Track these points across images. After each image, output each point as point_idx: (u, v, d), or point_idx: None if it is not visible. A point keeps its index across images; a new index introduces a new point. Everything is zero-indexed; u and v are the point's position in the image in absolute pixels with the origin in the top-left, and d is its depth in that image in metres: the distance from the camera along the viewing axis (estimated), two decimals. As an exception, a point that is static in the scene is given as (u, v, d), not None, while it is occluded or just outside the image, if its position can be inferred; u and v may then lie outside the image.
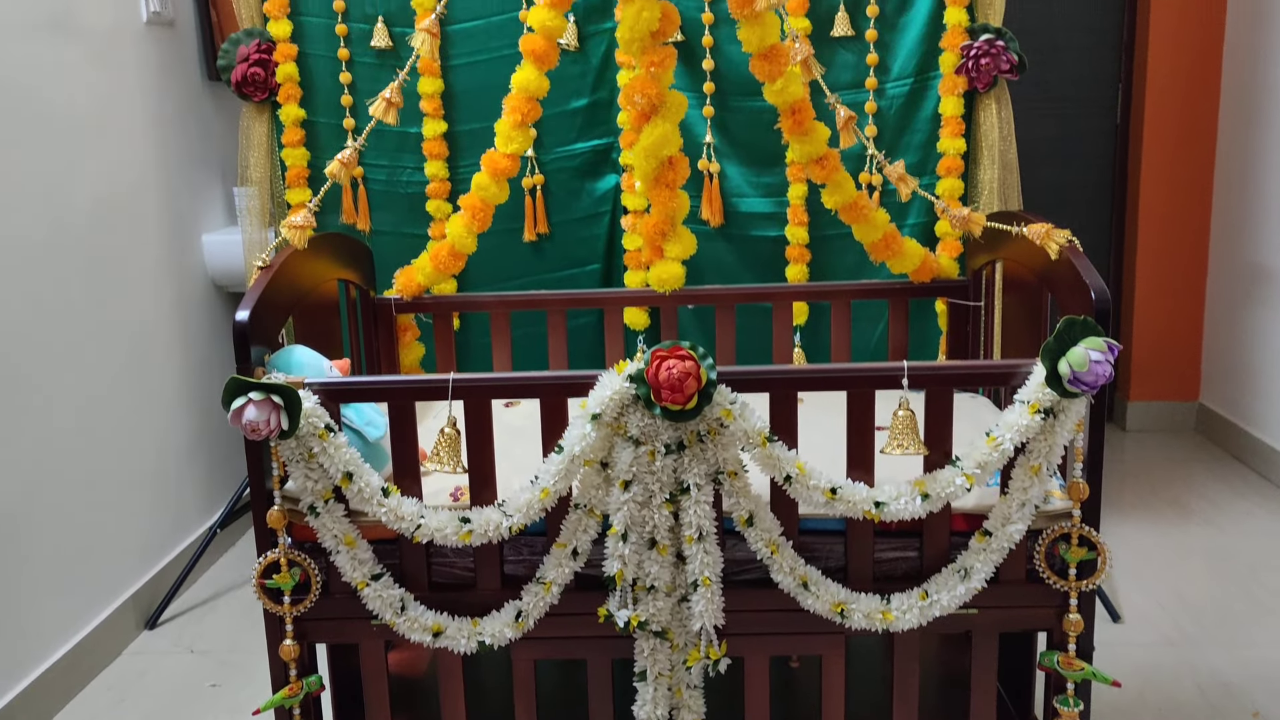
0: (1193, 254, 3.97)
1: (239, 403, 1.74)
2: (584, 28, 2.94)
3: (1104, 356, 1.73)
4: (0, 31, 2.33)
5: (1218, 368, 3.93)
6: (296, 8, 2.95)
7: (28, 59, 2.42)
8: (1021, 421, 1.79)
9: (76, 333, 2.56)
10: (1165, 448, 3.99)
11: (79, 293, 2.57)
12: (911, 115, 2.97)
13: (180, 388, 3.00)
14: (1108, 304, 1.81)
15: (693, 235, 2.61)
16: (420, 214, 3.02)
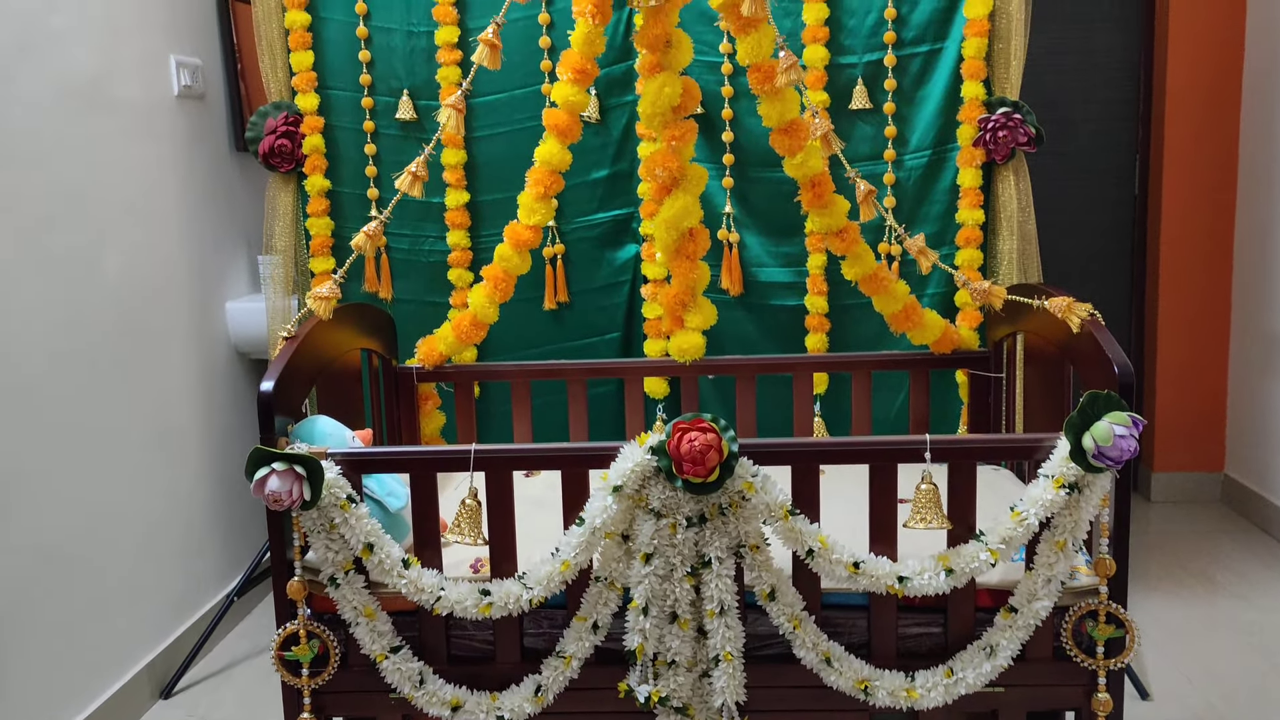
0: (1214, 323, 3.96)
1: (262, 473, 1.75)
2: (605, 100, 2.99)
3: (1128, 431, 1.73)
4: (36, 106, 2.38)
5: (1242, 438, 3.89)
6: (324, 81, 3.01)
7: (62, 133, 2.47)
8: (1046, 496, 1.78)
9: (100, 399, 2.58)
10: (1191, 519, 3.94)
11: (104, 360, 2.60)
12: (930, 186, 2.99)
13: (201, 453, 3.01)
14: (1131, 378, 1.81)
15: (713, 306, 2.62)
16: (442, 283, 3.05)
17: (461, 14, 2.97)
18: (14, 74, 2.32)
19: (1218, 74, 3.83)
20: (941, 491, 1.88)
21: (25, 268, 2.34)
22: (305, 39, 2.97)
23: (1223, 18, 3.80)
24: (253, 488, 1.75)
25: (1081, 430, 1.74)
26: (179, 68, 2.95)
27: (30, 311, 2.34)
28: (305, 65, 2.98)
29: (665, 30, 2.28)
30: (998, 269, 2.93)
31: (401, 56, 3.01)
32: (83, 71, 2.55)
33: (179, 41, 2.97)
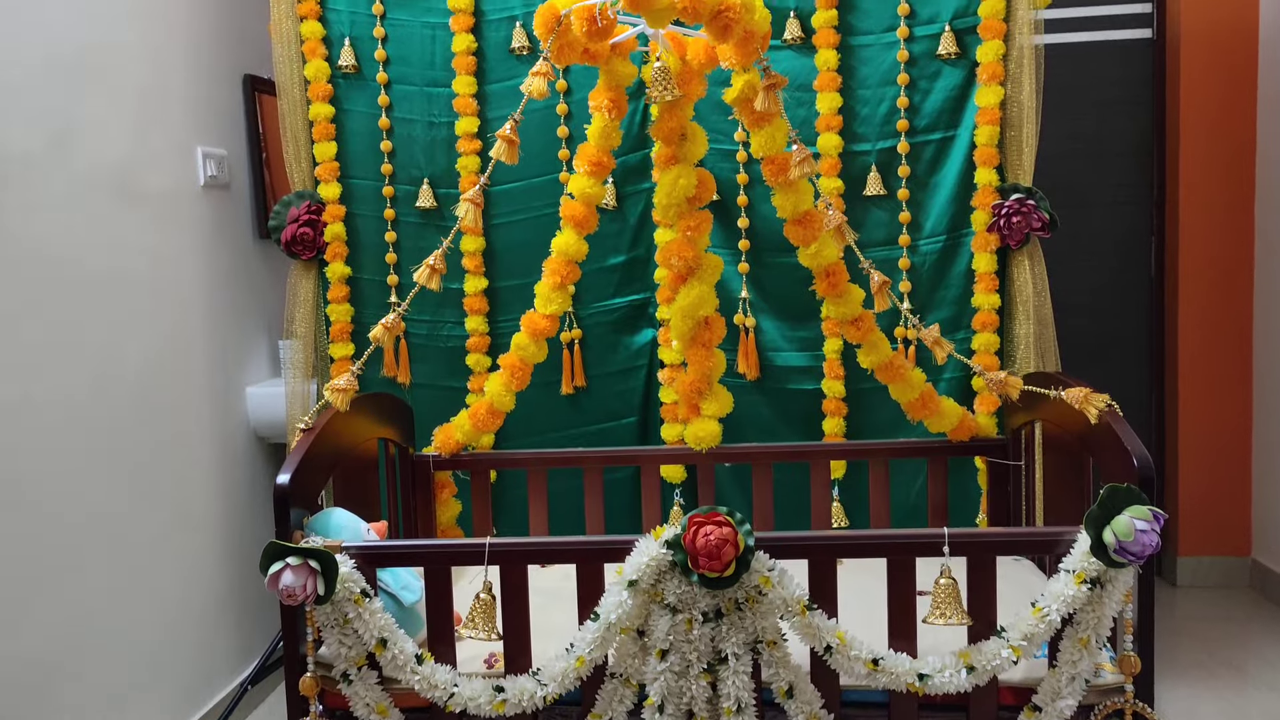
0: (1236, 405, 3.93)
1: (276, 568, 1.74)
2: (622, 187, 3.03)
3: (1150, 526, 1.71)
4: (67, 199, 2.43)
5: (1269, 522, 3.83)
6: (346, 170, 3.07)
7: (91, 225, 2.51)
8: (1068, 592, 1.76)
9: (120, 487, 2.59)
10: (1219, 605, 3.86)
11: (125, 448, 2.61)
12: (946, 271, 3.00)
13: (217, 539, 3.01)
14: (1151, 471, 1.79)
15: (729, 393, 2.62)
16: (460, 367, 3.07)
17: (481, 105, 3.04)
18: (47, 169, 2.37)
19: (1231, 157, 3.85)
20: (961, 585, 1.86)
21: (52, 358, 2.37)
22: (329, 130, 3.04)
23: (1235, 102, 3.82)
24: (267, 582, 1.75)
25: (1102, 524, 1.73)
26: (205, 158, 3.00)
27: (55, 401, 2.37)
28: (328, 155, 3.04)
29: (680, 124, 2.32)
30: (1014, 353, 2.93)
31: (422, 146, 3.07)
32: (112, 164, 2.61)
33: (205, 132, 3.03)
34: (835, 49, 2.94)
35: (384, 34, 3.04)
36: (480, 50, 3.04)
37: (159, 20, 2.84)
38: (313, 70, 3.02)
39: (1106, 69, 3.96)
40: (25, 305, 2.29)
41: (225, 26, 3.16)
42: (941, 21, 2.93)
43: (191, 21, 2.99)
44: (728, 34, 2.01)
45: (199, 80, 3.02)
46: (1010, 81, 2.91)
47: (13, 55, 2.30)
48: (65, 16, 2.47)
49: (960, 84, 2.95)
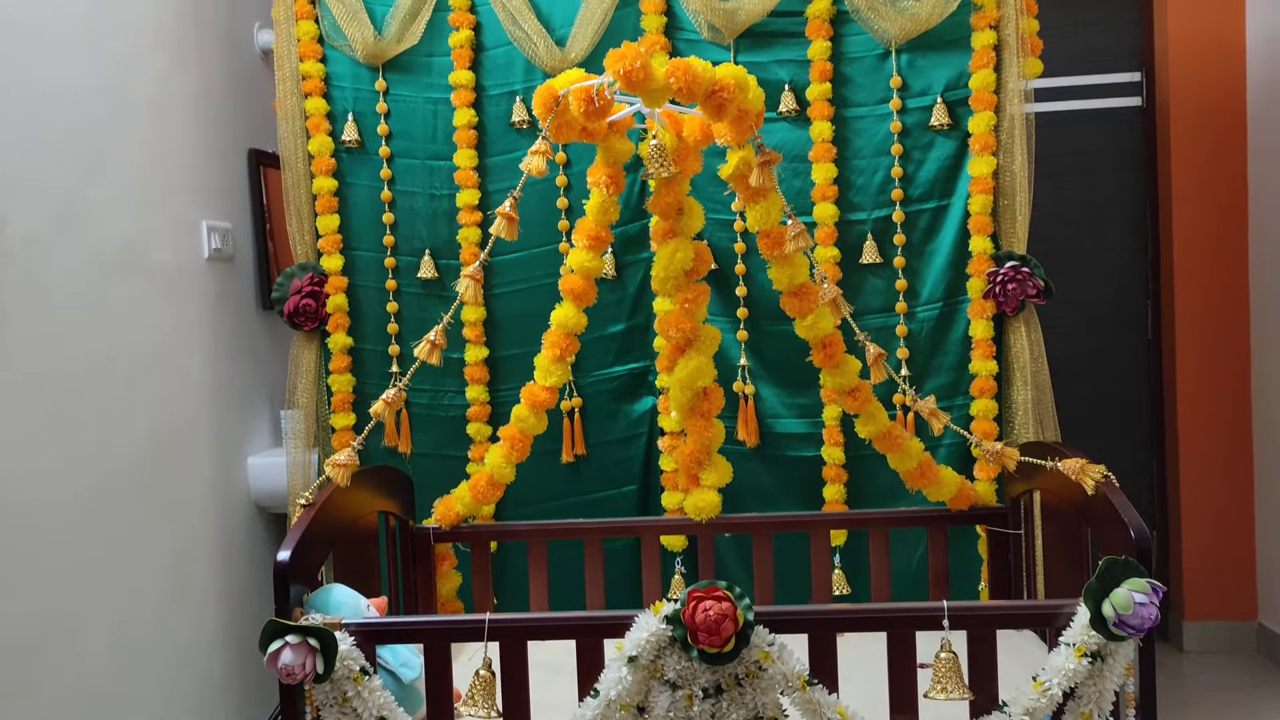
0: (1237, 467, 3.93)
1: (275, 646, 1.74)
2: (621, 257, 3.06)
3: (1148, 599, 1.71)
4: (73, 277, 2.46)
5: (1275, 584, 3.81)
6: (349, 242, 3.11)
7: (96, 301, 2.54)
8: (1068, 666, 1.75)
9: (121, 560, 2.58)
10: (1226, 671, 3.83)
11: (126, 520, 2.61)
12: (942, 338, 3.03)
13: (216, 612, 2.99)
14: (1149, 543, 1.80)
15: (728, 463, 2.63)
16: (461, 436, 3.08)
17: (482, 178, 3.09)
18: (53, 249, 2.40)
19: (1223, 220, 3.90)
20: (962, 657, 1.85)
21: (56, 435, 2.38)
22: (332, 203, 3.09)
23: (1225, 166, 3.88)
24: (266, 661, 1.75)
25: (1101, 597, 1.73)
26: (210, 232, 3.04)
27: (57, 476, 2.37)
28: (331, 228, 3.08)
29: (677, 199, 2.36)
30: (1013, 419, 2.94)
31: (424, 218, 3.12)
32: (118, 241, 2.64)
33: (210, 206, 3.08)
34: (830, 121, 3.00)
35: (387, 109, 3.10)
36: (481, 124, 3.09)
37: (168, 100, 2.89)
38: (316, 145, 3.07)
39: (1098, 136, 4.03)
40: (28, 383, 2.31)
41: (231, 103, 3.22)
42: (933, 94, 2.98)
43: (199, 100, 3.05)
44: (722, 113, 2.05)
45: (205, 156, 3.07)
46: (1002, 151, 2.95)
47: (26, 139, 2.34)
48: (78, 101, 2.52)
49: (953, 154, 3.00)
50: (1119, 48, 4.02)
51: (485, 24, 3.09)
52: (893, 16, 2.93)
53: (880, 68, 3.01)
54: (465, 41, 3.06)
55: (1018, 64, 2.94)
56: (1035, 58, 2.97)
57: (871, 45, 3.01)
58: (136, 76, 2.76)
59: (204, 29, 3.10)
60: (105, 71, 2.63)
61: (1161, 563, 4.08)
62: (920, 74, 3.00)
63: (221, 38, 3.20)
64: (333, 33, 3.07)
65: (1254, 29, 3.79)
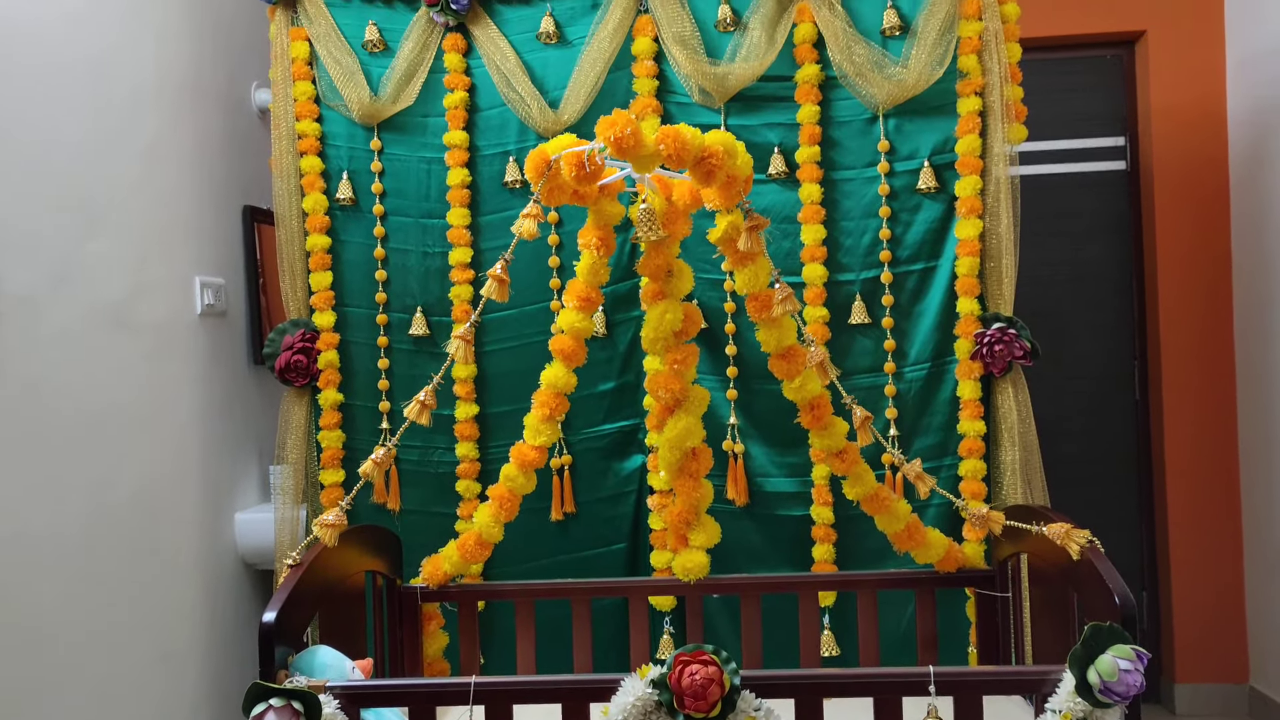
0: (1227, 529, 3.93)
1: (259, 709, 1.73)
2: (611, 315, 3.09)
3: (1133, 665, 1.71)
4: (65, 335, 2.47)
5: (1266, 647, 3.80)
6: (341, 299, 3.13)
7: (87, 357, 2.55)
8: (1055, 732, 1.75)
9: (107, 619, 2.56)
10: (1218, 734, 3.81)
11: (113, 580, 2.60)
12: (931, 398, 3.04)
13: (202, 671, 2.96)
14: (1133, 609, 1.80)
15: (717, 524, 2.63)
16: (450, 494, 3.08)
17: (475, 236, 3.11)
18: (48, 306, 2.42)
19: (1208, 281, 3.94)
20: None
21: (46, 490, 2.38)
22: (325, 260, 3.11)
23: (1209, 228, 3.94)
24: (250, 724, 1.74)
25: (1086, 664, 1.73)
26: (203, 288, 3.06)
27: (44, 536, 2.37)
28: (324, 285, 3.10)
29: (667, 261, 2.39)
30: (1001, 479, 2.95)
31: (417, 276, 3.14)
32: (112, 297, 2.66)
33: (204, 262, 3.10)
34: (819, 183, 3.03)
35: (381, 168, 3.13)
36: (474, 183, 3.13)
37: (165, 158, 2.93)
38: (311, 203, 3.10)
39: (1085, 199, 4.09)
40: (20, 439, 2.32)
41: (228, 160, 3.26)
42: (921, 157, 3.02)
43: (195, 157, 3.09)
44: (711, 178, 2.09)
45: (200, 213, 3.10)
46: (988, 214, 2.99)
47: (21, 199, 2.37)
48: (75, 158, 2.56)
49: (940, 216, 3.03)
50: (1104, 113, 4.09)
51: (480, 86, 3.13)
52: (880, 83, 2.98)
53: (868, 132, 3.06)
54: (460, 103, 3.10)
55: (1003, 129, 2.98)
56: (1020, 124, 3.01)
57: (860, 110, 3.05)
58: (134, 134, 2.80)
59: (203, 87, 3.15)
60: (103, 129, 2.67)
61: (1152, 624, 4.07)
62: (908, 138, 3.04)
63: (220, 96, 3.25)
64: (329, 93, 3.11)
65: (1234, 97, 3.87)
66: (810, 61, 3.02)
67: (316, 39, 3.10)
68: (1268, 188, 3.66)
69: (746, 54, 3.01)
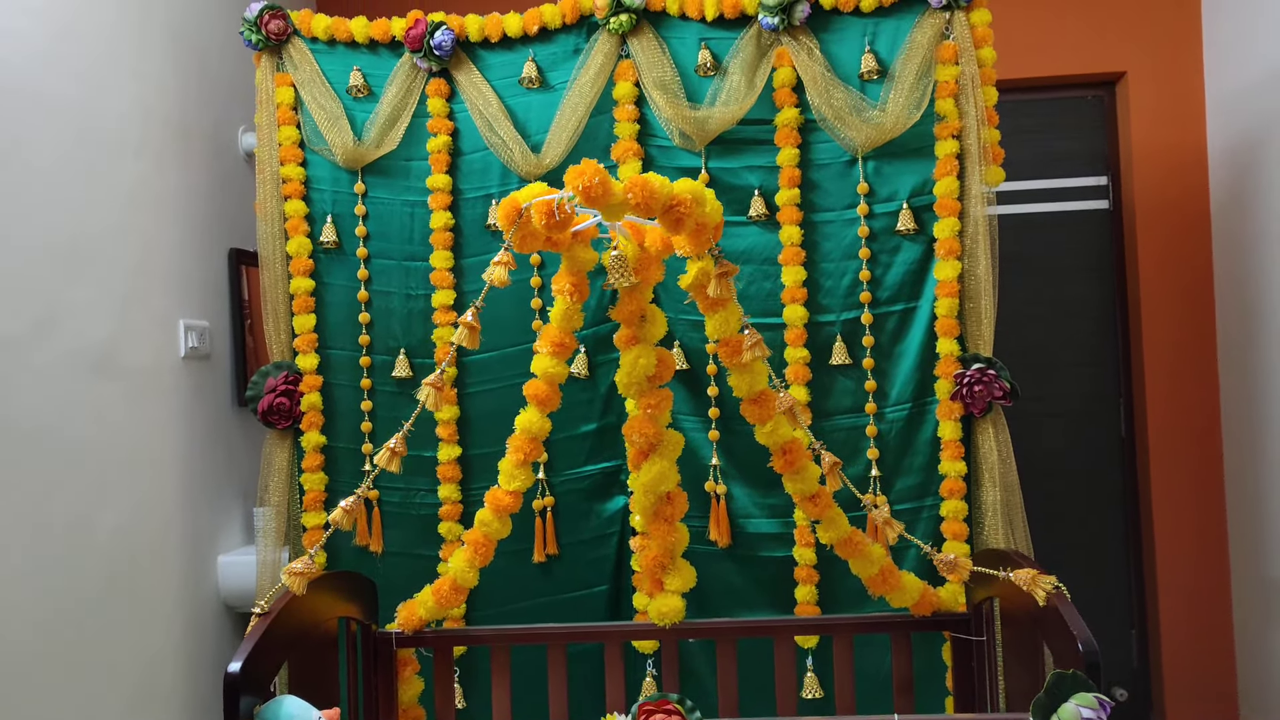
0: (1213, 568, 3.92)
1: (222, 761, 1.73)
2: (594, 357, 3.10)
3: (1095, 714, 1.71)
4: (46, 378, 2.48)
5: (1255, 682, 3.78)
6: (325, 341, 3.15)
7: (68, 400, 2.56)
8: (1020, 781, 1.74)
9: (84, 666, 2.56)
10: (1208, 772, 3.79)
11: (91, 620, 2.60)
12: (911, 439, 3.04)
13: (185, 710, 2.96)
14: (1097, 657, 1.80)
15: (692, 568, 2.63)
16: (432, 535, 3.08)
17: (458, 278, 3.14)
18: (27, 351, 2.43)
19: (1191, 319, 3.96)
20: (915, 774, 1.84)
21: (20, 535, 2.38)
22: (308, 303, 3.13)
23: (1191, 266, 3.95)
24: (213, 775, 1.74)
25: (1049, 712, 1.73)
26: (187, 330, 3.09)
27: (20, 579, 2.37)
28: (307, 327, 3.12)
29: (640, 307, 2.40)
30: (983, 520, 2.95)
31: (400, 318, 3.16)
32: (94, 342, 2.67)
33: (189, 305, 3.12)
34: (799, 225, 3.05)
35: (365, 211, 3.16)
36: (457, 226, 3.16)
37: (150, 204, 2.96)
38: (295, 246, 3.13)
39: (1066, 238, 4.11)
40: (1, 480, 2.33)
41: (214, 203, 3.30)
42: (899, 199, 3.04)
43: (181, 200, 3.12)
44: (680, 226, 2.11)
45: (185, 256, 3.13)
46: (967, 255, 3.00)
47: (8, 242, 2.39)
48: (56, 206, 2.58)
49: (919, 258, 3.05)
50: (1086, 152, 4.12)
51: (463, 130, 3.17)
52: (859, 126, 3.01)
53: (848, 174, 3.08)
54: (443, 147, 3.13)
55: (980, 171, 3.00)
56: (997, 165, 3.04)
57: (839, 153, 3.08)
58: (118, 178, 2.83)
59: (188, 131, 3.18)
60: (85, 174, 2.69)
61: (1141, 661, 4.05)
62: (886, 180, 3.07)
63: (206, 139, 3.29)
64: (314, 137, 3.15)
65: (1214, 135, 3.90)
66: (789, 105, 3.05)
67: (301, 84, 3.14)
68: (1248, 224, 3.68)
69: (726, 98, 3.04)
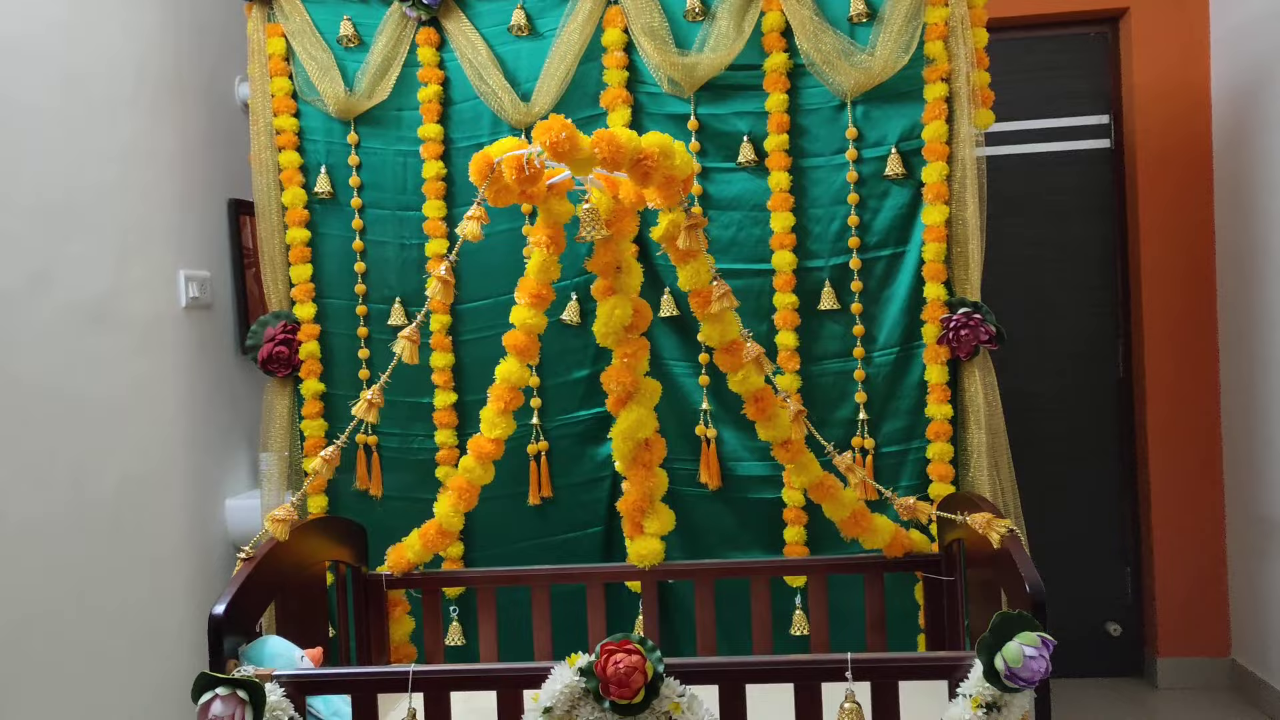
0: (1208, 506, 3.95)
1: (206, 698, 1.83)
2: (584, 305, 3.15)
3: (1039, 652, 1.76)
4: (46, 331, 2.56)
5: (1247, 621, 3.83)
6: (321, 291, 3.22)
7: (70, 352, 2.64)
8: (964, 716, 1.81)
9: (94, 604, 2.67)
10: (1199, 708, 3.84)
11: (100, 563, 2.70)
12: (899, 383, 3.08)
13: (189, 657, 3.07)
14: (1043, 598, 1.85)
15: (671, 512, 2.70)
16: (430, 479, 3.16)
17: (450, 228, 3.18)
18: (27, 303, 2.51)
19: (1191, 260, 3.94)
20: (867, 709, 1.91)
21: (27, 484, 2.48)
22: (305, 253, 3.19)
23: (1193, 206, 3.93)
24: (198, 712, 1.83)
25: (994, 651, 1.79)
26: (187, 281, 3.16)
27: (25, 521, 2.47)
28: (304, 277, 3.19)
29: (615, 258, 2.44)
30: (969, 462, 2.99)
31: (394, 267, 3.21)
32: (94, 295, 2.75)
33: (188, 256, 3.19)
34: (787, 171, 3.07)
35: (358, 161, 3.20)
36: (449, 176, 3.19)
37: (147, 155, 3.01)
38: (290, 197, 3.18)
39: (1067, 178, 4.09)
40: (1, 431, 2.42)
41: (211, 154, 3.34)
42: (888, 144, 3.05)
43: (178, 151, 3.17)
44: (648, 180, 2.14)
45: (184, 207, 3.19)
46: (955, 200, 3.01)
47: (2, 199, 2.45)
48: (57, 163, 2.64)
49: (908, 203, 3.06)
50: (1088, 91, 4.07)
51: (453, 79, 3.19)
52: (847, 70, 3.00)
53: (836, 119, 3.08)
54: (434, 96, 3.16)
55: (969, 115, 3.00)
56: (987, 108, 3.03)
57: (827, 97, 3.08)
58: (116, 130, 2.88)
59: (183, 83, 3.22)
60: (85, 127, 2.75)
61: (1135, 599, 4.10)
62: (875, 125, 3.07)
63: (203, 90, 3.33)
64: (306, 88, 3.18)
65: (1218, 73, 3.84)
66: (778, 50, 3.04)
67: (292, 35, 3.17)
68: (1251, 163, 3.65)
69: (715, 44, 3.04)
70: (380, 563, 2.79)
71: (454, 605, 3.10)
